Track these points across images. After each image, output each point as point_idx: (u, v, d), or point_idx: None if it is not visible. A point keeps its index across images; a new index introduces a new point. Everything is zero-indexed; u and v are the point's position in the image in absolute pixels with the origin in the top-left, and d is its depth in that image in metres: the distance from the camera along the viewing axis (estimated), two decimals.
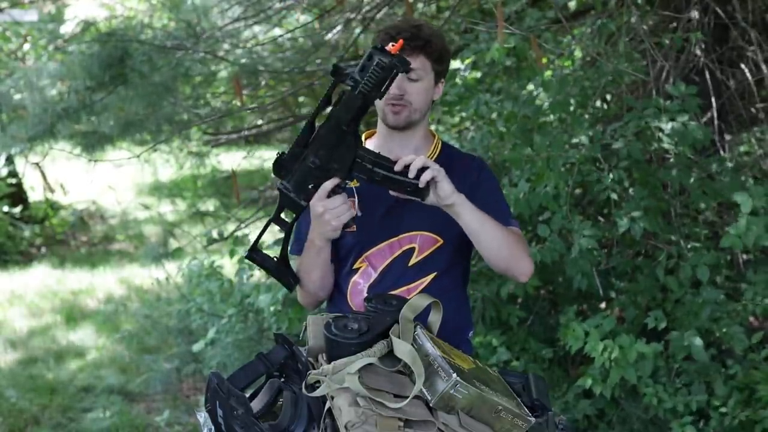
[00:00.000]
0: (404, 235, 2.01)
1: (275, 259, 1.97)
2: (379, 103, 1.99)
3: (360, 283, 2.03)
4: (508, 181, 3.25)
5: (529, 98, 3.40)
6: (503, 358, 3.25)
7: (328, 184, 1.84)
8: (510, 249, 1.93)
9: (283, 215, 1.94)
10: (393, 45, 1.74)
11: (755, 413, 2.87)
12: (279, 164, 1.86)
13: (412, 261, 2.01)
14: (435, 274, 2.01)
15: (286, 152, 1.86)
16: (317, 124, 1.87)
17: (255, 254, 1.97)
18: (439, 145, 2.10)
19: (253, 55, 4.63)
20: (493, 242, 1.91)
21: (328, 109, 1.84)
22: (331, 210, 1.85)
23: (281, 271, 1.98)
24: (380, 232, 2.01)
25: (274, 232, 4.11)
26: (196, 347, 4.24)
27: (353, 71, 1.76)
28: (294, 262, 2.05)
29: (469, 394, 1.62)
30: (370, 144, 2.07)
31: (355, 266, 2.04)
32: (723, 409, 2.92)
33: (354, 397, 1.60)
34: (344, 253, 2.05)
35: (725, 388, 2.94)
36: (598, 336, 2.92)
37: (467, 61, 3.76)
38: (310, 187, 1.85)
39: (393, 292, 1.96)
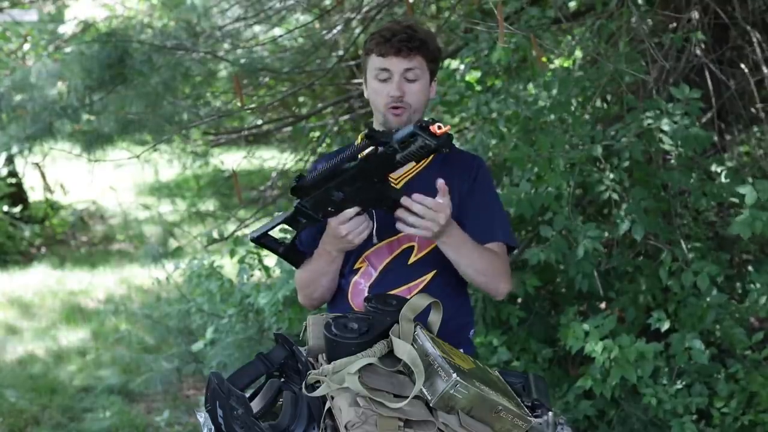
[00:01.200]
0: (403, 233, 2.00)
1: (283, 243, 2.01)
2: (378, 107, 2.00)
3: (361, 283, 2.03)
4: (509, 181, 3.25)
5: (532, 99, 3.41)
6: (504, 358, 3.25)
7: (350, 212, 1.86)
8: (485, 275, 1.96)
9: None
10: (440, 128, 1.68)
11: (757, 416, 2.87)
12: (298, 189, 1.87)
13: (412, 259, 2.02)
14: (435, 271, 2.02)
15: (307, 178, 1.86)
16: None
17: (263, 238, 1.98)
18: None
19: (253, 55, 4.63)
20: (469, 269, 1.94)
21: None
22: (353, 231, 1.88)
23: (290, 253, 2.03)
24: (379, 232, 2.01)
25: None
26: (196, 347, 4.25)
27: (392, 141, 1.73)
28: (302, 269, 2.08)
29: (469, 394, 1.61)
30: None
31: (356, 266, 2.05)
32: (725, 410, 2.92)
33: (354, 397, 1.60)
34: (345, 254, 2.05)
35: (727, 388, 2.94)
36: (599, 336, 2.92)
37: (467, 61, 3.76)
38: (330, 209, 1.88)
39: (394, 291, 1.97)
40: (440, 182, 1.80)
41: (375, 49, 1.98)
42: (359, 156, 1.80)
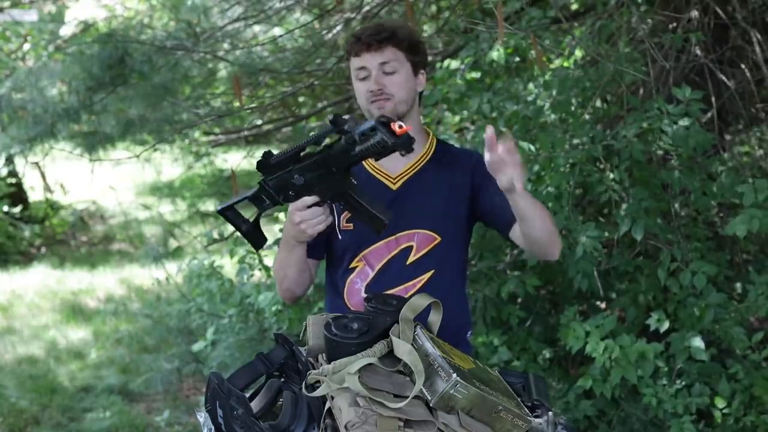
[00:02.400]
0: (402, 233, 2.00)
1: (246, 221, 1.99)
2: (363, 105, 2.01)
3: (357, 282, 2.03)
4: None
5: (532, 99, 3.40)
6: (504, 358, 3.25)
7: (308, 200, 1.85)
8: (550, 232, 1.93)
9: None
10: (401, 127, 1.69)
11: (758, 417, 2.87)
12: (264, 164, 1.87)
13: (410, 259, 2.01)
14: (433, 271, 2.01)
15: (274, 156, 1.87)
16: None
17: (229, 212, 1.97)
18: (434, 142, 2.11)
19: (253, 55, 4.63)
20: (540, 225, 1.90)
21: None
22: (307, 221, 1.86)
23: (252, 231, 2.00)
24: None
25: (275, 232, 4.11)
26: (196, 347, 4.24)
27: (354, 131, 1.73)
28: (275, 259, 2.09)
29: (469, 393, 1.62)
30: None
31: (352, 265, 2.03)
32: (726, 410, 2.92)
33: (354, 397, 1.60)
34: (340, 253, 2.05)
35: (728, 388, 2.94)
36: (599, 336, 2.92)
37: (467, 61, 3.76)
38: (290, 193, 1.87)
39: (391, 291, 1.97)
40: (488, 132, 1.75)
41: (351, 51, 2.00)
42: (323, 143, 1.80)
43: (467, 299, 2.16)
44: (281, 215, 4.76)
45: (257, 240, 2.02)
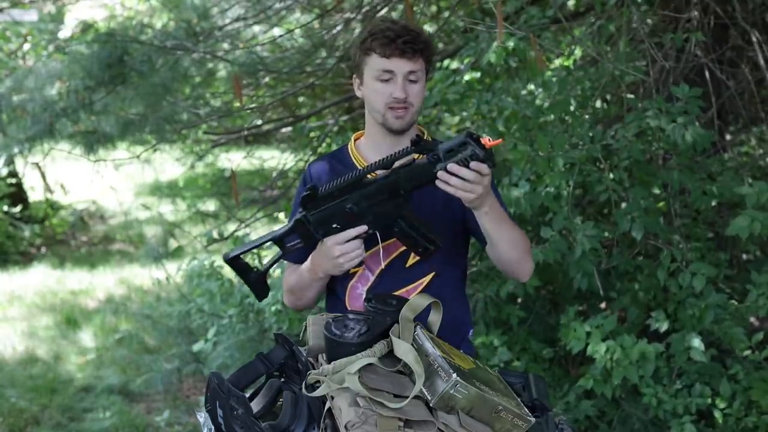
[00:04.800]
0: None
1: (255, 270, 1.98)
2: (377, 107, 1.97)
3: (358, 287, 2.02)
4: (509, 181, 3.25)
5: (531, 99, 3.40)
6: (504, 358, 3.24)
7: (354, 232, 1.86)
8: (518, 250, 1.93)
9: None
10: (490, 140, 1.69)
11: (759, 418, 2.87)
12: (310, 198, 1.85)
13: (410, 262, 2.01)
14: (433, 274, 2.01)
15: (325, 186, 1.85)
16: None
17: (237, 261, 1.97)
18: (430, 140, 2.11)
19: (253, 55, 4.63)
20: (506, 244, 1.91)
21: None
22: (346, 254, 1.87)
23: (257, 284, 2.00)
24: (376, 235, 2.00)
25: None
26: (197, 347, 4.24)
27: (438, 149, 1.71)
28: (291, 274, 2.07)
29: (469, 394, 1.61)
30: (360, 144, 2.08)
31: (352, 270, 2.02)
32: (728, 411, 2.92)
33: (354, 397, 1.60)
34: None
35: (729, 388, 2.94)
36: (600, 336, 2.92)
37: (467, 61, 3.76)
38: (334, 226, 1.86)
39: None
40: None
41: (378, 50, 1.94)
42: (394, 165, 1.77)
43: (468, 300, 2.16)
44: (281, 215, 4.77)
45: (262, 291, 2.01)
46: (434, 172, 1.72)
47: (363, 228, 1.86)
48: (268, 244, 1.96)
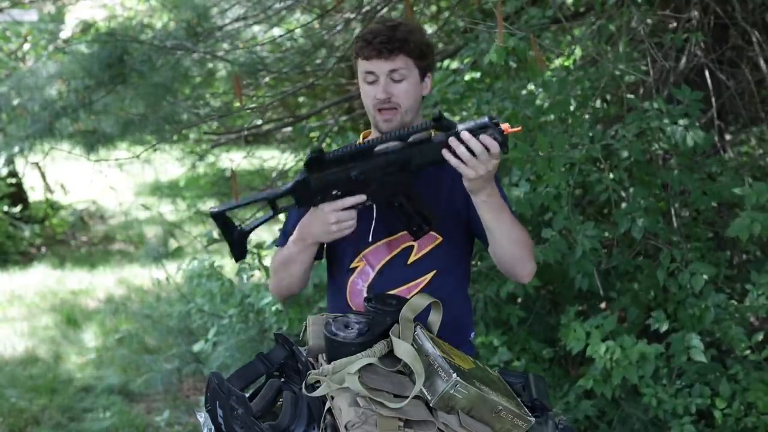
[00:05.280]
0: (403, 232, 1.98)
1: (240, 229, 1.94)
2: (369, 110, 1.98)
3: (359, 283, 2.02)
4: (509, 181, 3.25)
5: (530, 98, 3.40)
6: (504, 358, 3.24)
7: (352, 200, 1.84)
8: (520, 246, 1.91)
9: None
10: (511, 127, 1.71)
11: (759, 418, 2.87)
12: (317, 160, 1.82)
13: (411, 259, 2.00)
14: (435, 272, 2.00)
15: (334, 151, 1.83)
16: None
17: (222, 216, 1.92)
18: None
19: (253, 55, 4.63)
20: (505, 238, 1.88)
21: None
22: (342, 222, 1.86)
23: (238, 243, 1.95)
24: (378, 230, 1.99)
25: (274, 232, 4.11)
26: (197, 347, 4.25)
27: (458, 128, 1.72)
28: (278, 255, 2.05)
29: (469, 394, 1.62)
30: None
31: (353, 266, 2.02)
32: (727, 411, 2.92)
33: (354, 397, 1.60)
34: (341, 253, 2.04)
35: (729, 388, 2.94)
36: (600, 336, 2.92)
37: (467, 61, 3.76)
38: (333, 192, 1.84)
39: (393, 291, 1.95)
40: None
41: (359, 53, 1.95)
42: (409, 139, 1.77)
43: (469, 300, 2.15)
44: (281, 216, 4.76)
45: (241, 252, 1.97)
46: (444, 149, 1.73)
47: (362, 197, 1.84)
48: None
